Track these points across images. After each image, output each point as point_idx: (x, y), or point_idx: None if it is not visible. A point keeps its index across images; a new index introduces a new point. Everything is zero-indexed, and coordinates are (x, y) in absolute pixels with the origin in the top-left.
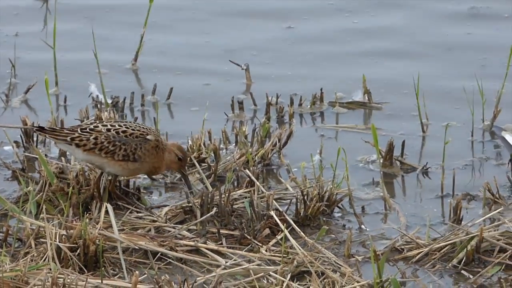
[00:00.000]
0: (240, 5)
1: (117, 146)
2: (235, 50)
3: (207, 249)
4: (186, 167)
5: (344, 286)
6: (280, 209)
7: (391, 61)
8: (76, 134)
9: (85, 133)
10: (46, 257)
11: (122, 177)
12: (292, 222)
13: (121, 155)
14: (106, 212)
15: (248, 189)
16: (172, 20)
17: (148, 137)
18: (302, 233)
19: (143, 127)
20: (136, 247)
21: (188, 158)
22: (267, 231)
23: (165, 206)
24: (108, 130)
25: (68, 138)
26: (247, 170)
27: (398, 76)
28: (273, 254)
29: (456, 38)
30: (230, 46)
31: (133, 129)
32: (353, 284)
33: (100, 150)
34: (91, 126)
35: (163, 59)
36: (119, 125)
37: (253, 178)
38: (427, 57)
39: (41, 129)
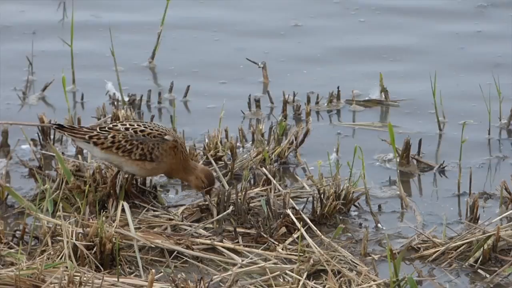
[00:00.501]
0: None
1: (134, 145)
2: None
3: (223, 247)
4: (211, 192)
5: (360, 285)
6: (297, 208)
7: (407, 58)
8: (95, 133)
9: (103, 132)
10: (62, 255)
11: (140, 177)
12: (308, 221)
13: (138, 154)
14: (123, 210)
15: (264, 188)
16: (187, 19)
17: (166, 137)
18: (318, 231)
19: (162, 128)
20: (153, 246)
21: (214, 184)
22: (283, 229)
23: (182, 205)
24: (126, 129)
25: (87, 136)
26: (263, 169)
27: (415, 73)
28: (289, 253)
29: (467, 35)
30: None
31: (151, 129)
32: (369, 283)
33: (117, 149)
34: (110, 125)
35: (180, 57)
36: (137, 125)
37: (269, 176)
38: (444, 55)
39: (60, 127)
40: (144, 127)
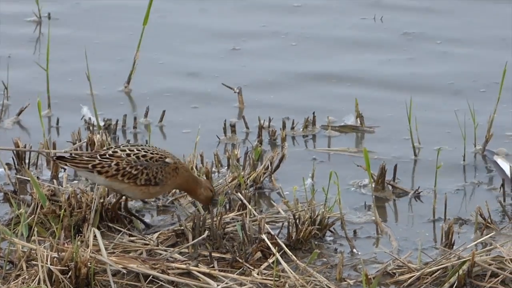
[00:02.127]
0: (224, 27)
1: (139, 171)
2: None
3: (199, 272)
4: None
5: None
6: (272, 233)
7: (383, 84)
8: (97, 161)
9: (105, 160)
10: (37, 280)
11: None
12: (283, 246)
13: (143, 179)
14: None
15: (240, 212)
16: (164, 43)
17: (167, 160)
18: (293, 256)
19: (160, 150)
20: (125, 271)
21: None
22: (258, 254)
23: (158, 231)
24: (128, 155)
25: (90, 166)
26: (239, 194)
27: (390, 99)
28: (264, 278)
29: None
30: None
31: (151, 153)
32: None
33: (122, 176)
34: (110, 152)
35: (156, 81)
36: (137, 150)
37: (245, 201)
38: (419, 79)
39: (60, 158)
40: (144, 151)
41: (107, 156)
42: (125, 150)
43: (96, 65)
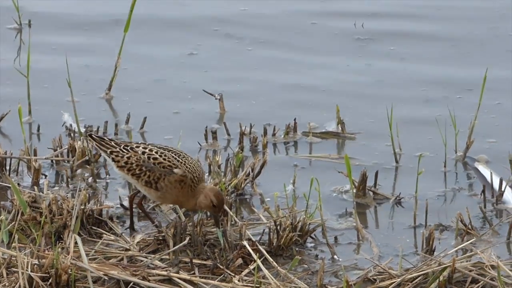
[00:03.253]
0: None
1: (142, 171)
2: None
3: (179, 278)
4: (220, 213)
5: None
6: (253, 239)
7: (363, 91)
8: (117, 149)
9: (123, 151)
10: (17, 287)
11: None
12: (264, 252)
13: (144, 180)
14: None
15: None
16: (145, 49)
17: (175, 170)
18: (274, 263)
19: (178, 159)
20: (106, 277)
21: (223, 204)
22: (239, 261)
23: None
24: (143, 153)
25: (108, 151)
26: None
27: (371, 106)
28: (245, 284)
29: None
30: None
31: (163, 159)
32: None
33: (128, 171)
34: (134, 146)
35: (137, 88)
36: (156, 151)
37: (226, 208)
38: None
39: (91, 136)
40: (159, 154)
41: (128, 148)
42: (146, 148)
43: (77, 71)
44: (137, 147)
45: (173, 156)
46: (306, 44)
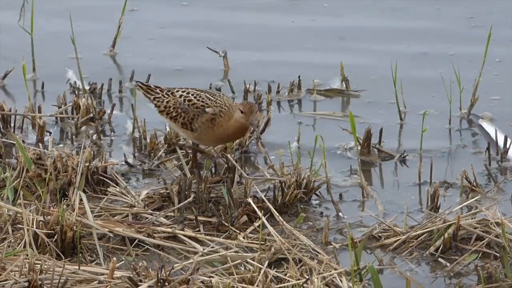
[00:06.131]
0: None
1: (178, 113)
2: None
3: (184, 236)
4: (253, 118)
5: (321, 274)
6: (260, 195)
7: (369, 48)
8: (159, 95)
9: (165, 96)
10: (23, 243)
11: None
12: (271, 207)
13: (180, 122)
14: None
15: (226, 176)
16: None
17: (206, 109)
18: (280, 219)
19: (211, 99)
20: (111, 235)
21: (252, 107)
22: (244, 218)
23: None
24: (180, 96)
25: (152, 97)
26: (228, 155)
27: (376, 63)
28: (250, 241)
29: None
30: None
31: (197, 100)
32: (330, 271)
33: (167, 114)
34: (175, 91)
35: (141, 44)
36: (192, 94)
37: (233, 162)
38: (405, 43)
39: (141, 84)
40: (193, 96)
41: (169, 93)
42: (185, 92)
43: (81, 28)
44: (177, 91)
45: (207, 97)
46: None
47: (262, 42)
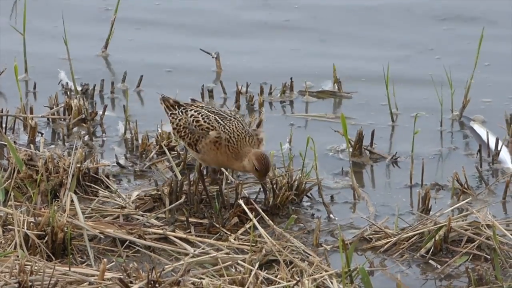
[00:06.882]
0: None
1: (186, 134)
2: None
3: (175, 237)
4: (266, 178)
5: (312, 275)
6: (249, 197)
7: (361, 50)
8: (176, 111)
9: (179, 114)
10: (13, 244)
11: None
12: (260, 211)
13: (186, 142)
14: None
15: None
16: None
17: (210, 132)
18: (270, 221)
19: (219, 122)
20: (102, 236)
21: (267, 169)
22: (235, 219)
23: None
24: (191, 116)
25: (169, 113)
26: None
27: (368, 65)
28: (241, 243)
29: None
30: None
31: (205, 121)
32: (321, 273)
33: (177, 132)
34: (188, 109)
35: (134, 46)
36: (202, 114)
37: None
38: (397, 46)
39: (163, 99)
40: (202, 117)
41: (184, 111)
42: (197, 112)
43: (74, 29)
44: (191, 110)
45: (215, 119)
46: None
47: (254, 43)
